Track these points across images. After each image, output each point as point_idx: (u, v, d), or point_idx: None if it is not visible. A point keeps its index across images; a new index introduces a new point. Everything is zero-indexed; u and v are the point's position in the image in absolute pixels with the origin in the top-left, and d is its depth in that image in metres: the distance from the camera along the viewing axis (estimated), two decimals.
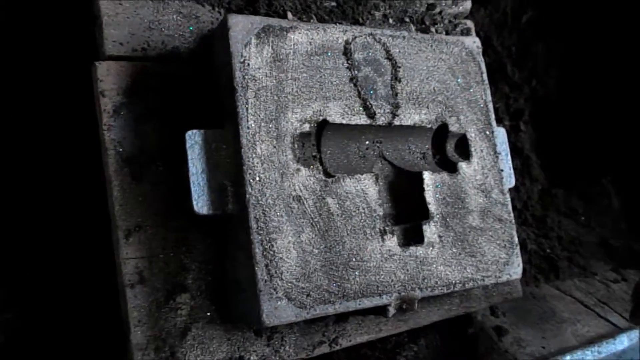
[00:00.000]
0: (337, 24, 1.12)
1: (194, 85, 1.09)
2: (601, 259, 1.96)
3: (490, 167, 1.22)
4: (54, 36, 1.19)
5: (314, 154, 1.07)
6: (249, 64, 1.00)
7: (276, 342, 1.10)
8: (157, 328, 1.00)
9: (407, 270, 1.07)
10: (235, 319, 1.04)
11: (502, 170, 1.24)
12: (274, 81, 1.02)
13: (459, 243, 1.14)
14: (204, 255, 1.06)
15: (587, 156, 2.09)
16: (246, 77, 0.99)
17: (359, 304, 1.02)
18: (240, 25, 1.01)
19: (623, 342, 1.56)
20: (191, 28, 1.13)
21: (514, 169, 2.01)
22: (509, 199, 1.24)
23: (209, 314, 1.04)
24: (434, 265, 1.10)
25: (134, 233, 1.01)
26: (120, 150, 1.03)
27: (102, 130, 1.02)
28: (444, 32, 1.44)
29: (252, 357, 1.07)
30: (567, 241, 1.95)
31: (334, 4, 1.28)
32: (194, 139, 0.98)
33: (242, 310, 1.00)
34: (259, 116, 0.99)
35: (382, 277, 1.05)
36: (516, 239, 1.23)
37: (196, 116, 1.07)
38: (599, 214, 2.07)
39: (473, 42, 1.27)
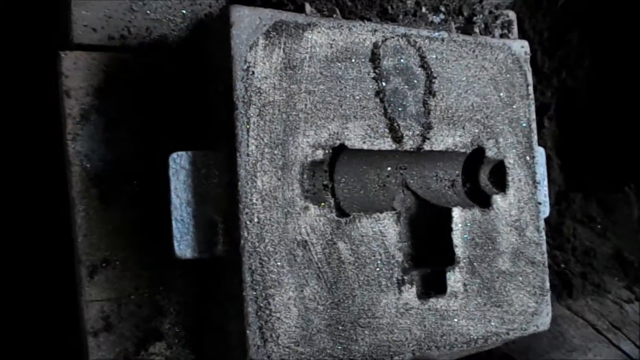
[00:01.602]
0: (365, 21, 0.90)
1: (183, 86, 0.88)
2: (615, 275, 1.82)
3: (528, 199, 1.04)
4: (15, 20, 0.95)
5: (325, 182, 0.88)
6: (253, 73, 0.79)
7: None
8: None
9: (425, 326, 0.91)
10: None
11: (540, 204, 1.06)
12: (284, 95, 0.82)
13: (485, 292, 0.98)
14: (185, 295, 0.88)
15: (611, 160, 1.92)
16: (249, 89, 0.79)
17: None
18: (246, 21, 0.79)
19: None
20: (184, 11, 0.90)
21: None
22: (544, 238, 1.07)
23: None
24: (455, 320, 0.94)
25: (100, 270, 0.83)
26: (88, 166, 0.83)
27: (65, 140, 0.82)
28: (484, 25, 1.22)
29: None
30: (581, 252, 1.80)
31: None
32: (179, 163, 0.78)
33: None
34: (263, 140, 0.79)
35: (396, 335, 0.88)
36: (547, 284, 1.06)
37: (184, 125, 0.87)
38: (617, 223, 1.91)
39: (521, 47, 1.07)
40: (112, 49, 0.85)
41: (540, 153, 1.11)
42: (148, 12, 0.87)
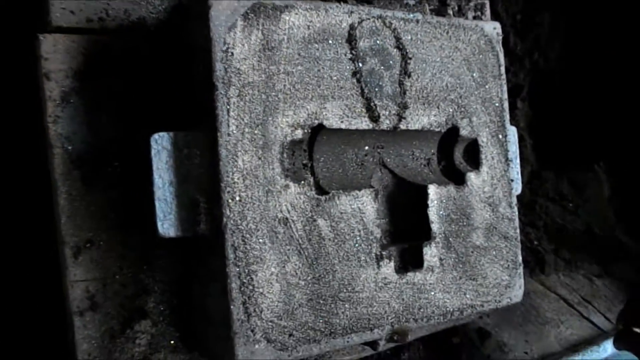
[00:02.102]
0: (341, 3, 0.92)
1: (163, 67, 0.89)
2: (586, 250, 1.89)
3: (500, 177, 1.08)
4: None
5: (304, 162, 0.90)
6: (232, 54, 0.81)
7: None
8: None
9: (403, 299, 0.94)
10: (202, 352, 0.90)
11: (512, 181, 1.09)
12: (263, 76, 0.83)
13: (460, 266, 1.01)
14: (169, 274, 0.90)
15: (581, 139, 1.97)
16: (229, 70, 0.80)
17: (347, 341, 0.89)
18: (225, 3, 0.80)
19: (607, 349, 1.50)
20: None
21: None
22: (517, 213, 1.10)
23: (172, 342, 0.90)
24: (432, 293, 0.97)
25: (84, 250, 0.84)
26: (69, 147, 0.84)
27: (46, 122, 0.83)
28: (457, 7, 1.25)
29: None
30: (553, 229, 1.86)
31: None
32: (161, 144, 0.80)
33: (212, 347, 0.86)
34: (243, 120, 0.81)
35: (375, 309, 0.91)
36: (520, 258, 1.10)
37: (165, 107, 0.88)
38: (588, 201, 1.97)
39: (493, 29, 1.09)
40: (91, 31, 0.86)
41: (512, 132, 1.14)
42: None
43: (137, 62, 0.88)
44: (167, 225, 0.80)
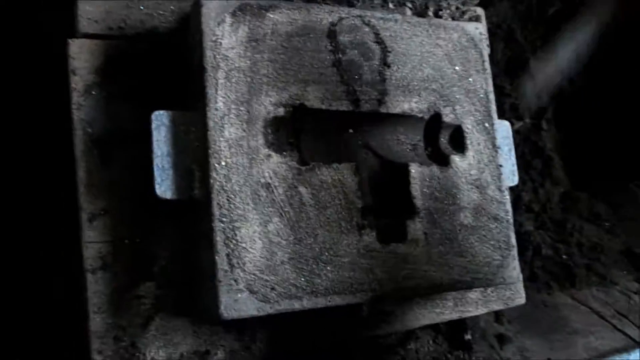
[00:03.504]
0: (323, 5, 1.06)
1: (171, 66, 1.04)
2: (624, 269, 1.83)
3: (488, 161, 1.14)
4: (32, 11, 1.17)
5: (290, 140, 1.01)
6: (221, 43, 0.95)
7: (247, 338, 1.04)
8: (118, 316, 0.96)
9: (386, 268, 1.00)
10: (201, 311, 0.99)
11: (501, 166, 1.15)
12: (248, 62, 0.97)
13: (447, 242, 1.06)
14: (174, 243, 1.01)
15: (614, 158, 1.96)
16: (217, 56, 0.94)
17: (330, 301, 0.96)
18: (215, 3, 0.96)
19: (638, 356, 1.44)
20: (172, 7, 1.08)
21: (534, 169, 1.91)
22: (508, 197, 1.15)
23: (174, 304, 1.00)
24: (417, 264, 1.03)
25: (98, 217, 0.97)
26: (90, 130, 0.99)
27: (72, 109, 0.99)
28: (450, 19, 1.35)
29: (219, 352, 1.02)
30: (588, 248, 1.83)
31: None
32: (160, 120, 0.94)
33: (202, 299, 0.95)
34: (229, 98, 0.94)
35: (357, 273, 0.98)
36: (513, 240, 1.14)
37: (171, 98, 1.03)
38: (625, 220, 1.93)
39: (475, 29, 1.19)
40: (111, 37, 1.03)
41: (502, 124, 1.21)
42: (141, 7, 1.06)
43: (149, 62, 1.04)
44: (164, 188, 0.92)
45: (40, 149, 1.15)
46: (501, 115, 1.82)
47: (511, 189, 1.70)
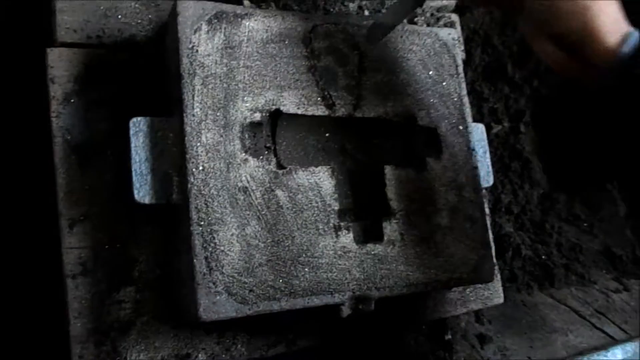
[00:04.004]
0: (299, 12, 1.08)
1: (148, 74, 1.06)
2: (603, 268, 1.87)
3: (463, 163, 1.16)
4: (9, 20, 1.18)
5: (267, 144, 1.03)
6: (197, 50, 0.97)
7: (227, 340, 1.05)
8: (99, 321, 0.97)
9: (364, 268, 1.02)
10: (181, 314, 1.00)
11: (476, 168, 1.17)
12: (225, 68, 0.98)
13: (424, 242, 1.08)
14: (153, 247, 1.03)
15: (592, 159, 2.00)
16: (194, 63, 0.96)
17: (308, 302, 0.97)
18: (191, 11, 0.98)
19: (616, 354, 1.47)
20: (150, 16, 1.10)
21: (513, 172, 1.94)
22: (483, 198, 1.17)
23: (155, 308, 1.01)
24: (394, 264, 1.05)
25: (78, 223, 0.98)
26: (69, 138, 1.00)
27: (51, 117, 1.00)
28: (425, 25, 1.38)
29: (200, 355, 1.03)
30: (567, 248, 1.86)
31: None
32: (138, 127, 0.95)
33: (182, 302, 0.97)
34: (206, 104, 0.96)
35: (335, 274, 1.00)
36: (490, 240, 1.16)
37: (149, 105, 1.04)
38: (603, 220, 1.96)
39: (448, 34, 1.22)
40: (90, 46, 1.05)
41: (477, 127, 1.24)
42: (119, 16, 1.07)
43: (127, 70, 1.05)
44: (142, 193, 0.94)
45: (19, 156, 1.16)
46: (480, 119, 1.87)
47: (491, 191, 1.74)
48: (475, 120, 1.28)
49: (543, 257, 1.76)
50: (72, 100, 1.02)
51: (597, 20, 0.87)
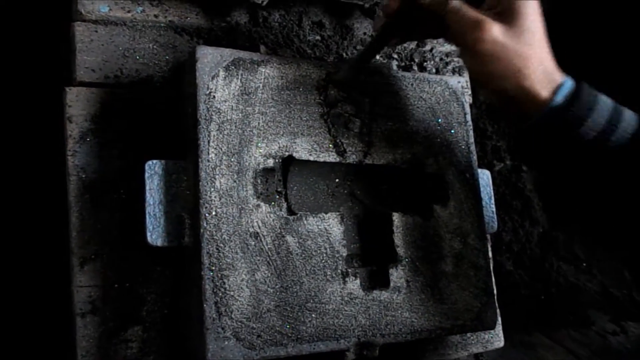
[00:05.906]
0: (313, 60, 1.10)
1: (164, 115, 1.08)
2: (601, 309, 1.88)
3: (469, 211, 1.18)
4: (29, 59, 1.20)
5: (279, 189, 1.05)
6: (214, 97, 0.99)
7: None
8: None
9: (369, 315, 1.03)
10: (188, 356, 1.01)
11: (481, 215, 1.19)
12: (240, 115, 1.00)
13: (429, 289, 1.10)
14: (162, 287, 1.04)
15: (592, 199, 2.02)
16: (211, 109, 0.98)
17: (314, 348, 0.98)
18: (209, 57, 1.00)
19: None
20: (167, 57, 1.12)
21: (514, 210, 1.96)
22: (488, 246, 1.19)
23: (161, 348, 1.02)
24: (399, 311, 1.06)
25: (89, 261, 1.00)
26: (83, 176, 1.02)
27: (66, 156, 1.02)
28: (434, 70, 1.41)
29: None
30: (566, 287, 1.88)
31: (318, 37, 1.27)
32: (153, 169, 0.97)
33: (191, 345, 0.98)
34: (221, 149, 0.98)
35: (341, 320, 1.01)
36: (493, 288, 1.18)
37: (163, 146, 1.06)
38: (602, 260, 1.99)
39: (457, 82, 1.24)
40: (108, 85, 1.06)
41: (483, 174, 1.26)
42: (137, 57, 1.09)
43: (143, 110, 1.07)
44: (155, 235, 0.95)
45: (32, 193, 1.17)
46: (483, 157, 1.89)
47: None
48: (478, 156, 1.30)
49: (542, 297, 1.78)
50: (87, 139, 1.03)
51: (529, 80, 0.94)
